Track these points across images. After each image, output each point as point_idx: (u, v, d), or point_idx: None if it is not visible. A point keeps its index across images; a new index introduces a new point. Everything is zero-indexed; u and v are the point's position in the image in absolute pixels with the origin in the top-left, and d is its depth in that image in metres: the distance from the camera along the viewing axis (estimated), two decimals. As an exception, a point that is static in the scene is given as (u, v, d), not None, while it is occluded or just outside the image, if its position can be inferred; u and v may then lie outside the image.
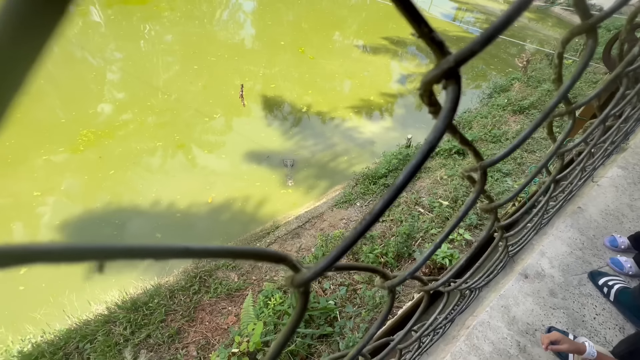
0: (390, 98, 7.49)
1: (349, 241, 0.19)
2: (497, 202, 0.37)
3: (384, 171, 4.87)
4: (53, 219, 4.12)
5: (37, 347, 2.96)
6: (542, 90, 6.65)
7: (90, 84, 6.22)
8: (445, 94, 0.18)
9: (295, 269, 0.19)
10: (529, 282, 1.92)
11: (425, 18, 0.16)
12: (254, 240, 4.25)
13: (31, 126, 5.08)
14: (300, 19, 10.66)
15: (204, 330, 3.16)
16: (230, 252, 0.16)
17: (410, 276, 0.31)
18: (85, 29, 7.93)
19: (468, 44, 0.17)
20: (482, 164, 0.29)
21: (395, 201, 3.49)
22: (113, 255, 0.13)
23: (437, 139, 0.18)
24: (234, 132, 5.83)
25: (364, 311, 3.00)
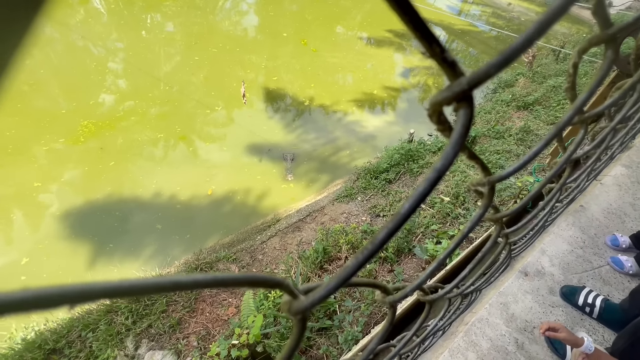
0: (394, 92, 7.41)
1: (350, 271, 0.18)
2: (503, 213, 0.36)
3: (385, 166, 4.85)
4: (53, 210, 4.13)
5: (40, 335, 3.01)
6: (547, 86, 6.57)
7: (91, 74, 6.17)
8: (456, 117, 0.17)
9: (292, 294, 0.18)
10: (529, 280, 1.92)
11: (437, 37, 0.15)
12: (254, 233, 4.26)
13: (32, 116, 5.06)
14: (303, 10, 10.51)
15: (205, 321, 3.19)
16: (222, 281, 0.15)
17: (412, 292, 0.30)
18: (86, 17, 7.84)
19: (483, 66, 0.15)
20: (490, 179, 0.28)
21: (397, 196, 3.48)
22: (91, 297, 0.12)
23: (447, 167, 0.17)
24: (235, 125, 5.80)
25: (363, 305, 3.02)
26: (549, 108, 6.03)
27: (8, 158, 4.47)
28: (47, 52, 6.59)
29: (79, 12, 7.93)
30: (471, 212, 3.96)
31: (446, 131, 0.18)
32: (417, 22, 0.14)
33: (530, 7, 15.02)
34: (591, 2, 0.23)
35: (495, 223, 0.37)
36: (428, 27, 0.15)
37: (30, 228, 3.96)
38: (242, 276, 0.17)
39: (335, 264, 3.56)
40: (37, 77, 5.79)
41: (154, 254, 3.98)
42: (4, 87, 0.11)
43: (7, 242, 3.80)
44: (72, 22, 7.45)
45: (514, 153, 4.93)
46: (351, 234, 3.76)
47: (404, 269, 3.48)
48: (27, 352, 2.84)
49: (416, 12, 0.13)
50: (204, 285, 0.15)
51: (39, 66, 6.09)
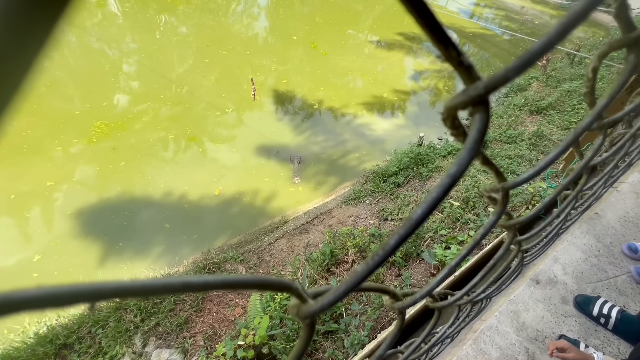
0: (404, 95, 7.37)
1: (359, 276, 0.17)
2: (517, 220, 0.35)
3: (394, 169, 4.82)
4: (65, 209, 4.22)
5: (52, 330, 3.07)
6: (561, 91, 6.44)
7: (104, 76, 6.31)
8: (472, 122, 0.17)
9: (301, 298, 0.18)
10: (541, 288, 1.87)
11: (453, 41, 0.15)
12: (262, 234, 4.28)
13: (47, 117, 5.20)
14: (314, 14, 10.56)
15: (211, 321, 3.21)
16: (232, 283, 0.15)
17: (422, 299, 0.30)
18: (103, 20, 8.04)
19: (501, 70, 0.15)
20: (504, 186, 0.27)
21: (405, 200, 3.46)
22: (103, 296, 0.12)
23: (461, 172, 0.17)
24: (244, 126, 5.85)
25: (369, 309, 3.00)
26: (564, 113, 5.91)
27: (23, 157, 4.59)
28: (65, 54, 6.77)
29: (96, 15, 8.14)
30: (481, 217, 3.89)
31: (460, 136, 0.18)
32: (434, 25, 0.13)
33: (544, 10, 14.79)
34: (612, 5, 0.22)
35: (508, 230, 0.36)
36: (444, 30, 0.14)
37: (42, 226, 4.06)
38: (251, 278, 0.17)
39: (342, 267, 3.55)
40: (53, 78, 5.96)
41: (163, 253, 4.03)
42: (24, 89, 0.11)
43: (21, 239, 3.90)
44: (88, 25, 7.65)
45: (526, 158, 4.85)
46: (359, 237, 3.74)
47: (412, 273, 3.45)
48: (39, 346, 2.90)
49: (433, 15, 0.13)
50: (214, 287, 0.15)
51: (56, 68, 6.26)
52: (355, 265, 3.54)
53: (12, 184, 4.30)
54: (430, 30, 0.14)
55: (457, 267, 0.30)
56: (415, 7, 0.13)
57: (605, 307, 1.63)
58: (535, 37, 11.16)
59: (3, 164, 4.45)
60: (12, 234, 3.93)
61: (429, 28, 0.13)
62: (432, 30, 0.14)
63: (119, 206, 4.36)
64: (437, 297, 0.38)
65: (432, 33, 0.14)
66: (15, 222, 4.04)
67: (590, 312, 1.66)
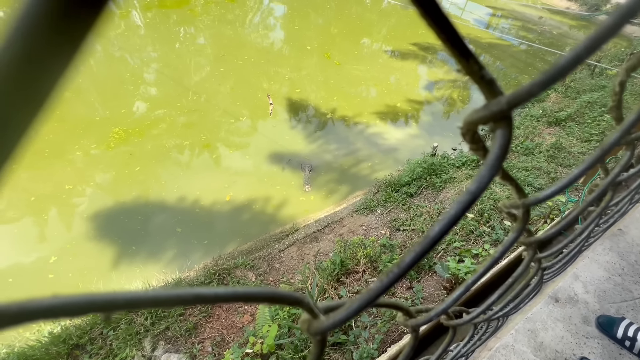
0: (417, 105, 7.34)
1: (373, 294, 0.17)
2: (538, 237, 0.33)
3: (407, 179, 4.77)
4: (81, 212, 4.34)
5: (66, 329, 3.13)
6: (581, 102, 6.28)
7: (124, 84, 6.54)
8: (493, 138, 0.16)
9: (312, 313, 0.17)
10: (560, 307, 1.79)
11: (474, 54, 0.14)
12: (272, 242, 4.28)
13: (68, 122, 5.40)
14: (329, 24, 10.72)
15: (220, 327, 3.21)
16: (242, 295, 0.15)
17: (437, 317, 0.29)
18: (126, 30, 8.38)
19: (525, 85, 0.14)
20: (525, 202, 0.26)
21: (418, 211, 3.42)
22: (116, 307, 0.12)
23: (482, 189, 0.16)
24: (258, 134, 5.93)
25: (379, 322, 2.94)
26: (583, 125, 5.74)
27: (44, 161, 4.76)
28: (90, 62, 7.07)
29: (120, 25, 8.50)
30: (496, 230, 3.79)
31: (480, 151, 0.17)
32: (455, 38, 0.13)
33: (563, 20, 14.57)
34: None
35: (528, 247, 0.35)
36: (466, 44, 0.14)
37: (59, 228, 4.18)
38: (262, 291, 0.16)
39: (352, 277, 3.50)
40: (76, 85, 6.21)
41: (175, 257, 4.08)
42: None
43: (39, 240, 4.03)
44: (112, 35, 7.99)
45: (544, 170, 4.71)
46: (370, 247, 3.69)
47: (424, 286, 3.37)
48: (52, 345, 2.96)
49: (454, 29, 0.13)
50: (225, 300, 0.15)
51: (80, 75, 6.54)
52: (366, 276, 3.49)
53: (33, 186, 4.46)
54: (451, 44, 0.13)
55: (474, 284, 0.29)
56: (436, 21, 0.12)
57: (630, 329, 1.54)
58: (554, 47, 10.98)
59: (26, 167, 4.64)
60: (31, 234, 4.07)
61: (450, 42, 0.13)
62: (453, 44, 0.13)
63: (133, 210, 4.46)
64: (452, 315, 0.37)
65: (453, 47, 0.13)
66: (35, 223, 4.18)
67: (614, 334, 1.57)
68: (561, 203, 3.24)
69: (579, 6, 15.85)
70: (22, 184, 4.47)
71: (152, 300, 0.13)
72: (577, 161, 4.92)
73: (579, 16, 14.78)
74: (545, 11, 15.49)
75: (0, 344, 3.10)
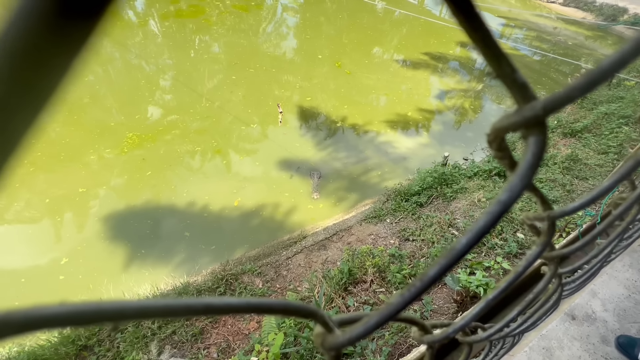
0: (428, 114, 7.30)
1: (394, 309, 0.16)
2: (560, 252, 0.32)
3: (417, 188, 4.71)
4: (93, 215, 4.42)
5: (75, 330, 3.16)
6: (598, 113, 6.14)
7: (139, 90, 6.71)
8: (526, 145, 0.15)
9: (326, 327, 0.16)
10: (577, 325, 1.72)
11: (508, 56, 0.14)
12: (280, 248, 4.27)
13: (84, 127, 5.56)
14: (340, 33, 10.84)
15: (226, 334, 3.19)
16: (255, 307, 0.14)
17: (455, 334, 0.27)
18: (143, 38, 8.65)
19: (564, 89, 0.14)
20: (551, 214, 0.25)
21: (428, 221, 3.36)
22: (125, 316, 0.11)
23: (513, 200, 0.15)
24: (268, 140, 5.97)
25: (387, 334, 2.87)
26: (600, 136, 5.60)
27: (60, 164, 4.89)
28: (107, 69, 7.30)
29: (137, 33, 8.78)
30: (509, 243, 3.70)
31: (506, 159, 0.16)
32: (487, 38, 0.12)
33: (578, 31, 14.38)
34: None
35: (550, 262, 0.33)
36: (498, 45, 0.13)
37: (72, 230, 4.26)
38: (275, 303, 0.16)
39: (360, 287, 3.45)
40: (94, 91, 6.41)
41: (183, 262, 4.11)
42: (69, 99, 0.12)
43: (52, 242, 4.11)
44: (130, 43, 8.25)
45: (559, 182, 4.60)
46: (378, 256, 3.64)
47: (433, 298, 3.29)
48: (62, 345, 2.99)
49: (487, 28, 0.12)
50: (237, 310, 0.14)
51: (98, 82, 6.75)
52: (374, 286, 3.43)
53: (48, 188, 4.58)
54: (483, 44, 0.13)
55: (494, 301, 0.28)
56: (469, 19, 0.12)
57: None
58: (568, 57, 10.82)
59: (42, 170, 4.77)
60: (45, 236, 4.16)
61: (482, 42, 0.12)
62: (485, 44, 0.13)
63: (143, 214, 4.52)
64: (467, 331, 0.35)
65: (485, 47, 0.13)
66: (48, 224, 4.27)
67: (635, 356, 1.50)
68: (577, 216, 3.15)
69: (595, 16, 15.64)
70: (39, 185, 4.59)
71: (162, 310, 0.12)
72: (594, 174, 4.79)
73: (596, 26, 14.56)
74: (560, 21, 15.34)
75: (11, 342, 3.15)
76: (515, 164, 0.16)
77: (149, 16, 9.76)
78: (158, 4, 10.45)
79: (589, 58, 11.26)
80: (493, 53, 0.13)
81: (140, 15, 9.77)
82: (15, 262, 3.87)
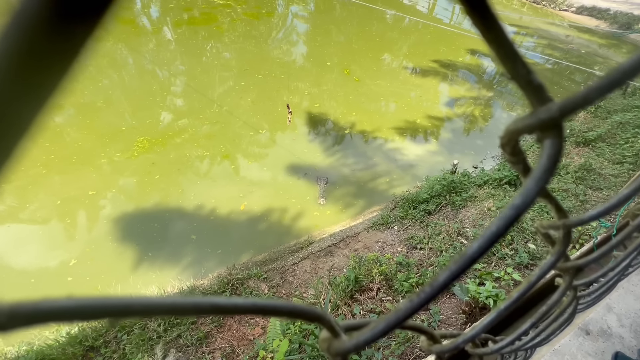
0: (437, 121, 7.26)
1: (402, 315, 0.16)
2: (576, 262, 0.31)
3: (425, 196, 4.66)
4: (102, 218, 4.49)
5: (83, 331, 3.20)
6: (612, 122, 6.01)
7: (151, 95, 6.84)
8: (542, 148, 0.15)
9: (333, 331, 0.16)
10: (591, 340, 1.67)
11: (523, 57, 0.13)
12: (286, 254, 4.26)
13: (97, 131, 5.66)
14: (350, 41, 10.92)
15: (231, 338, 3.18)
16: (261, 308, 0.14)
17: (464, 344, 0.27)
18: (157, 45, 8.86)
19: (582, 90, 0.13)
20: (566, 223, 0.24)
21: (436, 229, 3.32)
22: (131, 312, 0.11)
23: (527, 205, 0.15)
24: (277, 146, 6.01)
25: (394, 343, 2.83)
26: (615, 146, 5.48)
27: (71, 167, 4.99)
28: (122, 74, 7.49)
29: (151, 40, 9.00)
30: (520, 253, 3.62)
31: (520, 164, 0.16)
32: (501, 38, 0.12)
33: (591, 39, 14.20)
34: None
35: (565, 273, 0.32)
36: (513, 45, 0.13)
37: (81, 232, 4.32)
38: (281, 305, 0.15)
39: (366, 295, 3.41)
40: (108, 96, 6.55)
41: (190, 265, 4.13)
42: (84, 103, 0.12)
43: (61, 243, 4.17)
44: (144, 50, 8.45)
45: (572, 192, 4.50)
46: (385, 264, 3.60)
47: (441, 308, 3.23)
48: (69, 346, 3.02)
49: (501, 27, 0.12)
50: (243, 311, 0.14)
51: (113, 86, 6.91)
52: (380, 294, 3.39)
53: (60, 190, 4.67)
54: (497, 44, 0.12)
55: (506, 312, 0.27)
56: (483, 18, 0.12)
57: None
58: (582, 65, 10.67)
59: (55, 172, 4.88)
60: (54, 237, 4.23)
61: (496, 42, 0.12)
62: (499, 44, 0.12)
63: (151, 217, 4.56)
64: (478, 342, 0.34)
65: (499, 47, 0.12)
66: (58, 226, 4.35)
67: None
68: (591, 227, 3.07)
69: (608, 24, 15.43)
70: (51, 187, 4.69)
71: (168, 307, 0.12)
72: (609, 184, 4.67)
73: (610, 34, 14.35)
74: (572, 29, 15.18)
75: (20, 341, 3.19)
76: (529, 169, 0.16)
77: (163, 24, 10.01)
78: (172, 12, 10.72)
79: (603, 66, 11.09)
80: (507, 53, 0.13)
81: (155, 23, 10.02)
82: (25, 262, 3.94)
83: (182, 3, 11.33)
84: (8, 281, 3.77)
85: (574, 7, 17.15)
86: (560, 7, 17.58)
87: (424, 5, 16.42)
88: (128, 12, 10.19)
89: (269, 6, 12.59)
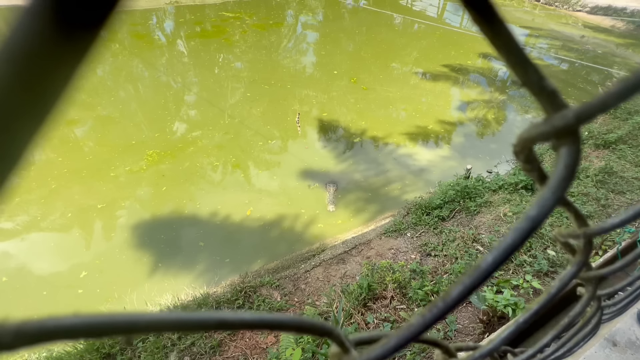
0: (449, 126, 7.18)
1: (414, 330, 0.15)
2: (599, 272, 0.29)
3: (438, 202, 4.59)
4: (111, 230, 4.57)
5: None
6: (633, 123, 5.81)
7: (162, 108, 6.97)
8: (557, 157, 0.14)
9: (342, 347, 0.16)
10: (619, 352, 1.58)
11: (534, 63, 0.13)
12: (299, 261, 4.25)
13: (108, 145, 5.80)
14: (359, 48, 10.98)
15: (244, 347, 3.17)
16: (269, 323, 0.14)
17: (482, 359, 0.25)
18: (171, 58, 9.13)
19: (599, 96, 0.13)
20: (587, 231, 0.23)
21: (450, 235, 3.25)
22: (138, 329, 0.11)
23: (544, 215, 0.14)
24: (287, 154, 6.05)
25: (409, 353, 2.76)
26: (637, 147, 5.28)
27: (80, 181, 5.12)
28: (137, 87, 7.74)
29: (165, 54, 9.28)
30: (539, 260, 3.50)
31: (535, 172, 0.15)
32: (511, 45, 0.12)
33: (608, 38, 13.84)
34: None
35: (587, 283, 0.30)
36: (524, 51, 0.13)
37: (90, 244, 4.41)
38: (289, 319, 0.15)
39: (380, 303, 3.35)
40: (122, 109, 6.75)
41: (203, 272, 4.16)
42: (99, 116, 0.12)
43: (71, 256, 4.26)
44: (158, 63, 8.72)
45: (593, 197, 4.34)
46: (399, 271, 3.54)
47: (458, 317, 3.14)
48: (87, 353, 3.07)
49: (510, 33, 0.12)
50: (250, 326, 0.14)
51: (128, 100, 7.13)
52: (394, 302, 3.32)
53: (70, 203, 4.79)
54: (506, 50, 0.12)
55: (526, 324, 0.26)
56: (491, 24, 0.11)
57: None
58: (601, 65, 10.40)
59: (65, 186, 5.01)
60: (65, 249, 4.32)
61: (506, 48, 0.12)
62: (509, 50, 0.12)
63: (159, 229, 4.61)
64: (496, 356, 0.33)
65: (509, 54, 0.12)
66: (69, 239, 4.44)
67: None
68: (615, 233, 2.94)
69: (625, 24, 15.03)
70: (62, 200, 4.82)
71: (174, 324, 0.12)
72: (632, 187, 4.49)
73: (629, 33, 13.96)
74: (587, 30, 14.84)
75: (41, 348, 3.27)
76: (545, 177, 0.15)
77: (176, 37, 10.32)
78: (185, 25, 11.06)
79: (622, 66, 10.77)
80: (518, 59, 0.12)
81: (168, 36, 10.35)
82: (38, 274, 4.04)
83: (194, 17, 11.69)
84: (22, 292, 3.86)
85: (588, 7, 16.79)
86: (573, 8, 17.25)
87: (433, 11, 16.41)
88: (142, 28, 10.57)
89: (278, 17, 12.83)
